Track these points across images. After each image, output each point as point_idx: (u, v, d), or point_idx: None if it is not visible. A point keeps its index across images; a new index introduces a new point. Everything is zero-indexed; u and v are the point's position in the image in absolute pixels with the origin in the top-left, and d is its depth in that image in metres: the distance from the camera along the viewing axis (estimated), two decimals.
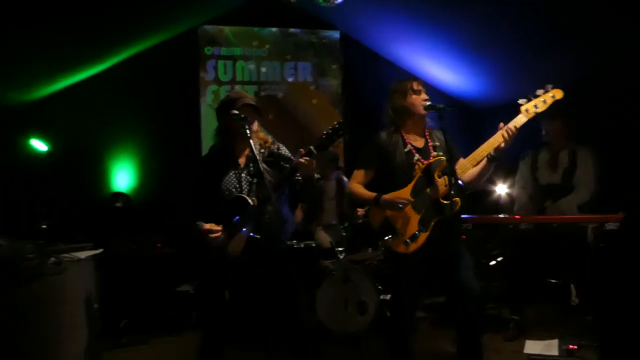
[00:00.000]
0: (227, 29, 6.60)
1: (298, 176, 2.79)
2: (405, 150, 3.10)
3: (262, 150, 2.96)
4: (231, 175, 2.91)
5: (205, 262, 2.85)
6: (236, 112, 2.78)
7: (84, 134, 5.92)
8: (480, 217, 4.47)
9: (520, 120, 2.91)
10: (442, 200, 2.98)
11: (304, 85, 6.90)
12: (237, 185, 2.89)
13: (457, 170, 2.97)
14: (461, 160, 3.08)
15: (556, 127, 4.51)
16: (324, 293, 4.45)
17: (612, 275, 2.78)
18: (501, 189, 5.44)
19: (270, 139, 3.04)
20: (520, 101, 2.94)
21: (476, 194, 5.05)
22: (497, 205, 5.37)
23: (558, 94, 2.92)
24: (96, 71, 5.97)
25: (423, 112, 3.10)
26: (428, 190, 3.01)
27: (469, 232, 4.25)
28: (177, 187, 3.15)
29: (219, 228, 2.79)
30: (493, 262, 4.73)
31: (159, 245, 5.26)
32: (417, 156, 3.09)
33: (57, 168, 5.78)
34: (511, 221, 4.18)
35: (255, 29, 6.71)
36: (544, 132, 4.59)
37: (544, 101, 2.90)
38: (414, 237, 3.00)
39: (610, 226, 3.73)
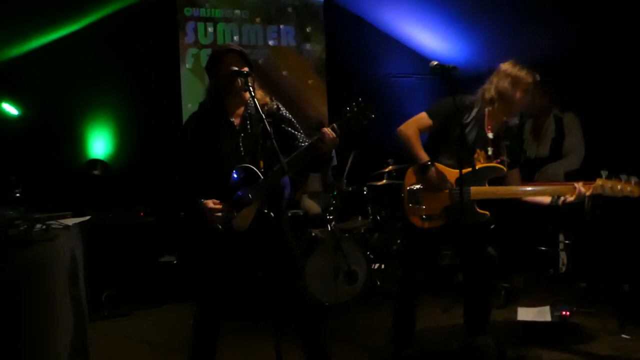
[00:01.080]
0: None
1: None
2: (481, 134, 2.92)
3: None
4: (227, 139, 2.69)
5: (206, 237, 2.68)
6: (236, 68, 2.59)
7: (58, 97, 5.61)
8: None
9: (593, 188, 2.80)
10: (476, 206, 2.91)
11: (287, 50, 6.69)
12: (235, 150, 2.68)
13: (504, 190, 2.92)
14: (515, 175, 3.00)
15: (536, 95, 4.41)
16: (313, 262, 4.36)
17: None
18: None
19: (268, 97, 2.80)
20: (603, 172, 2.84)
21: None
22: None
23: (636, 192, 2.76)
24: (70, 31, 5.64)
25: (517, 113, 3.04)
26: (472, 188, 2.87)
27: None
28: (164, 156, 2.93)
29: (220, 207, 2.61)
30: (492, 226, 4.70)
31: (141, 214, 5.09)
32: (490, 150, 2.95)
33: (30, 134, 5.49)
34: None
35: None
36: None
37: (621, 189, 2.77)
38: (431, 218, 2.94)
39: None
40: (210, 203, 2.60)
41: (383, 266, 4.95)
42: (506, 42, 5.92)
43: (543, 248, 4.69)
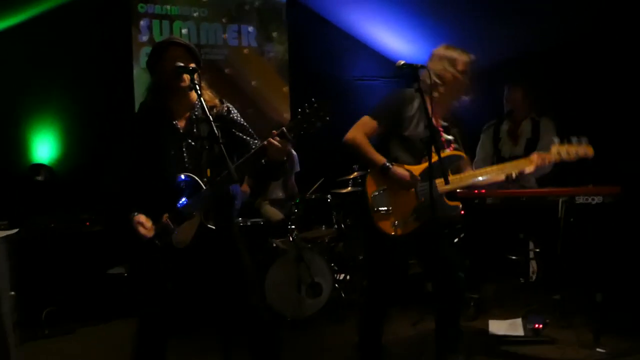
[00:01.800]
0: None
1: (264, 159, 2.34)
2: (429, 124, 2.74)
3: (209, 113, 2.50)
4: (170, 144, 2.44)
5: (145, 251, 2.40)
6: (181, 64, 2.32)
7: None
8: None
9: (549, 157, 2.80)
10: (445, 199, 2.78)
11: (248, 51, 6.44)
12: (179, 157, 2.43)
13: (469, 176, 2.85)
14: (466, 160, 2.92)
15: (517, 96, 4.38)
16: (274, 275, 4.14)
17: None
18: None
19: (218, 99, 2.55)
20: (555, 139, 2.87)
21: None
22: None
23: (590, 151, 2.79)
24: (11, 24, 5.29)
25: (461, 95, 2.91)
26: (437, 181, 2.70)
27: None
28: (106, 162, 2.66)
29: (149, 226, 2.35)
30: (456, 240, 4.55)
31: (87, 223, 4.77)
32: (444, 137, 2.84)
33: None
34: (477, 195, 3.97)
35: None
36: (505, 102, 4.46)
37: (576, 152, 2.79)
38: (403, 223, 2.77)
39: (581, 199, 3.57)
40: (142, 218, 2.34)
41: (348, 277, 4.74)
42: (472, 44, 5.79)
43: (513, 257, 4.60)
